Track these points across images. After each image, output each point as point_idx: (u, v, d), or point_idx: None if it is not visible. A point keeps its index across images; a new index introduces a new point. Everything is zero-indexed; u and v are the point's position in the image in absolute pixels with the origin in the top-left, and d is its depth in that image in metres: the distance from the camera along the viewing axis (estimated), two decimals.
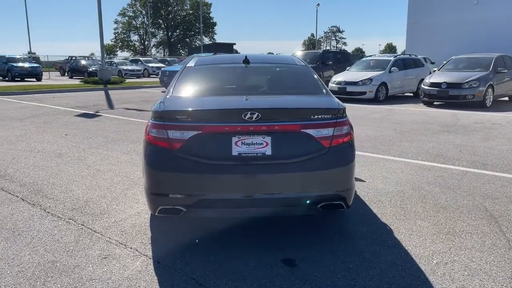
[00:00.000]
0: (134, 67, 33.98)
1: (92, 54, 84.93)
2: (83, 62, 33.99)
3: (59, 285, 2.83)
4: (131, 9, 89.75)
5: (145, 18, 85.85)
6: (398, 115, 11.10)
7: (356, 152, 6.39)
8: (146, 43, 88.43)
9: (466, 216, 4.03)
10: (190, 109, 3.29)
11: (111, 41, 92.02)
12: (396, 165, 5.89)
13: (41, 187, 4.93)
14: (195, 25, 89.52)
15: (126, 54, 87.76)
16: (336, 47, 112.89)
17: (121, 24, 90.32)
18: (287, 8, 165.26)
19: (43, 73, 31.07)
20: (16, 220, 3.94)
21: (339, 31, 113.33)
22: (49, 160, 6.23)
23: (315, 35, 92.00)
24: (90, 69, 29.93)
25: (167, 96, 3.69)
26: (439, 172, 5.55)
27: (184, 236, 3.61)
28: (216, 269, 3.05)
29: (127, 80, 26.12)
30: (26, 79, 28.71)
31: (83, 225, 3.83)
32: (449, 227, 3.76)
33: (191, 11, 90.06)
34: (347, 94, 14.11)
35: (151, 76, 33.83)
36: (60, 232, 3.67)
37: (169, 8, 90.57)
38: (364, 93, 13.98)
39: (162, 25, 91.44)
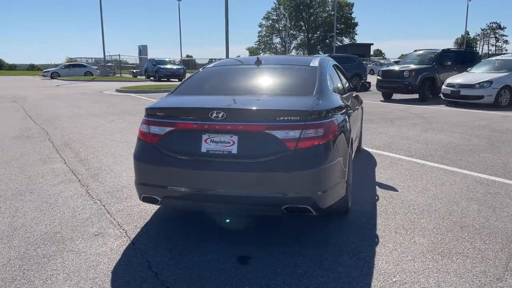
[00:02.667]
0: None
1: (238, 56, 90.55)
2: None
3: (44, 252, 3.35)
4: (275, 13, 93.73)
5: (287, 21, 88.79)
6: (510, 123, 9.72)
7: (418, 161, 5.95)
8: (286, 45, 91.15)
9: (481, 238, 3.53)
10: (166, 107, 3.57)
11: (255, 44, 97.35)
12: (451, 177, 5.31)
13: (100, 171, 5.71)
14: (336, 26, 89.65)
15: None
16: (496, 45, 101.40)
17: (264, 28, 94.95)
18: (438, 5, 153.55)
19: (187, 74, 34.57)
20: (59, 197, 4.68)
21: (499, 27, 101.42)
22: (126, 149, 7.10)
23: (467, 33, 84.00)
24: None
25: (168, 94, 4.02)
26: (496, 188, 4.86)
27: (174, 224, 3.91)
28: (174, 256, 3.27)
29: None
30: (170, 79, 32.19)
31: (103, 206, 4.39)
32: (447, 248, 3.36)
33: (332, 12, 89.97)
34: (461, 98, 12.78)
35: None
36: (82, 210, 4.27)
37: (311, 10, 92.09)
38: (481, 97, 12.46)
39: (303, 27, 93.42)
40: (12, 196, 4.70)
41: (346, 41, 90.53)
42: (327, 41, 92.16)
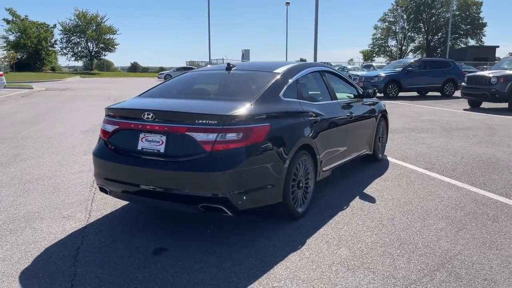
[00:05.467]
0: (363, 73, 34.46)
1: (351, 60, 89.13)
2: None
3: (12, 227, 3.95)
4: (392, 14, 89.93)
5: (405, 23, 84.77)
6: None
7: (431, 174, 5.64)
8: (403, 48, 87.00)
9: (410, 257, 3.31)
10: (115, 107, 3.97)
11: (368, 47, 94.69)
12: (450, 193, 4.90)
13: None
14: (459, 27, 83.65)
15: (382, 59, 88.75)
16: None
17: (380, 30, 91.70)
18: None
19: None
20: (67, 184, 5.36)
21: None
22: None
23: None
24: None
25: (134, 97, 4.43)
26: (489, 209, 4.39)
27: (130, 214, 4.31)
28: (106, 241, 3.64)
29: None
30: None
31: (94, 194, 4.94)
32: (361, 261, 3.24)
33: (457, 12, 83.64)
34: None
35: None
36: (74, 195, 4.87)
37: (432, 11, 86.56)
38: None
39: (422, 29, 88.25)
40: (34, 180, 5.53)
41: (472, 43, 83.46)
42: (449, 43, 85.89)
